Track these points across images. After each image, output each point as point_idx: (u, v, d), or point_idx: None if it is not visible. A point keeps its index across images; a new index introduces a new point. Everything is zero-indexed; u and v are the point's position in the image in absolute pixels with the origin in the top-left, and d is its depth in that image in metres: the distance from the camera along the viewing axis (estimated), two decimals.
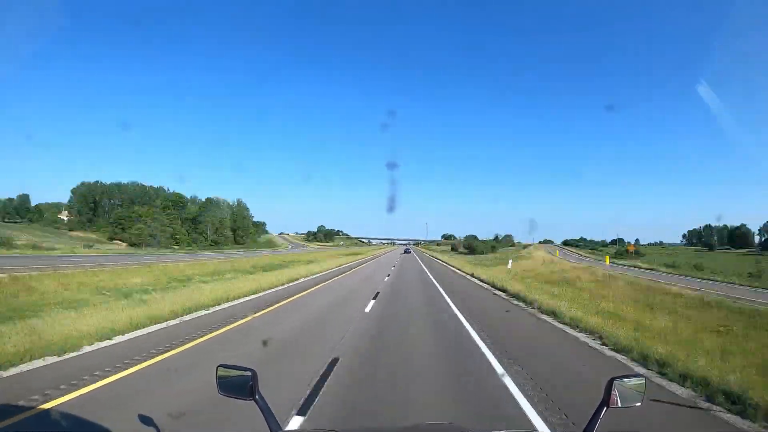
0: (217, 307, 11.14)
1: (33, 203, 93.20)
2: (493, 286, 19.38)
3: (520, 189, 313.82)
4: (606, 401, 1.49)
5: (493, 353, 7.06)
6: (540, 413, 4.44)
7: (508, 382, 5.51)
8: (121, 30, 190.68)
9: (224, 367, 1.66)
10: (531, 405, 4.68)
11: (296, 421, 4.14)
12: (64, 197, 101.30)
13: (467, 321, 10.28)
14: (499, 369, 6.12)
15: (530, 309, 12.59)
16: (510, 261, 35.12)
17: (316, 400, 4.64)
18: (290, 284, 18.19)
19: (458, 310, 12.25)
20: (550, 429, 4.00)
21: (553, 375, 5.99)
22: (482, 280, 22.78)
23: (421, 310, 12.30)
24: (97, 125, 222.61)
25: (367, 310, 11.70)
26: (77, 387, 4.86)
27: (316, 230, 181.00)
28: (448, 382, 5.61)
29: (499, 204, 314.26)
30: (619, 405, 1.49)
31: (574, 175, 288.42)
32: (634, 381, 1.58)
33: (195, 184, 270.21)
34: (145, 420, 3.87)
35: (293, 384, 5.15)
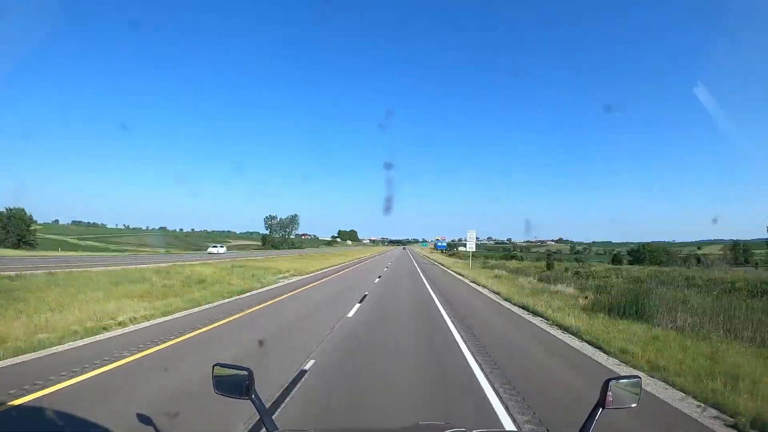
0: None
1: None
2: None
3: (519, 190, 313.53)
4: (601, 402, 1.49)
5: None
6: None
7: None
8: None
9: (220, 366, 1.68)
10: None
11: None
12: None
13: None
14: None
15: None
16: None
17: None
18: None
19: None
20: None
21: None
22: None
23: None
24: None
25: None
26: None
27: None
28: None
29: (497, 205, 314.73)
30: (615, 406, 1.50)
31: (571, 176, 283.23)
32: (629, 382, 1.59)
33: (194, 185, 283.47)
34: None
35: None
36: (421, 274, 28.90)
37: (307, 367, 5.95)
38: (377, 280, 22.39)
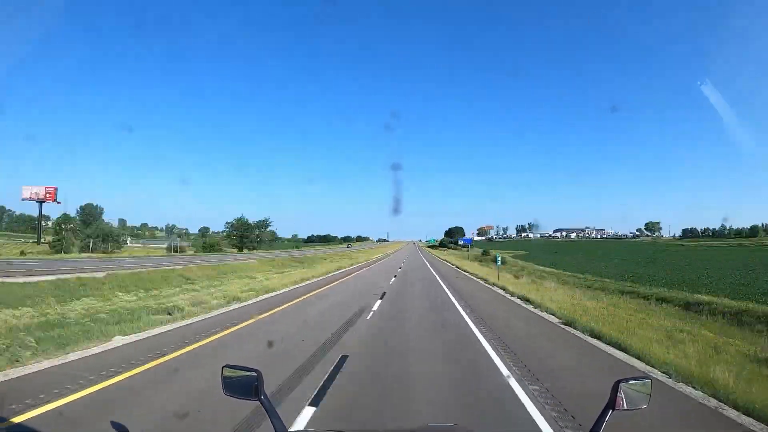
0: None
1: None
2: None
3: (518, 188, 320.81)
4: (611, 403, 1.52)
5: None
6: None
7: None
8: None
9: (229, 368, 1.74)
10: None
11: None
12: None
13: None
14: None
15: None
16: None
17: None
18: None
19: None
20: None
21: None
22: None
23: None
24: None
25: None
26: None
27: None
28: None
29: (495, 204, 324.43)
30: (625, 407, 1.54)
31: (575, 175, 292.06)
32: (639, 383, 1.62)
33: (194, 187, 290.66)
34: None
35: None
36: None
37: None
38: None
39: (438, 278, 29.88)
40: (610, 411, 1.53)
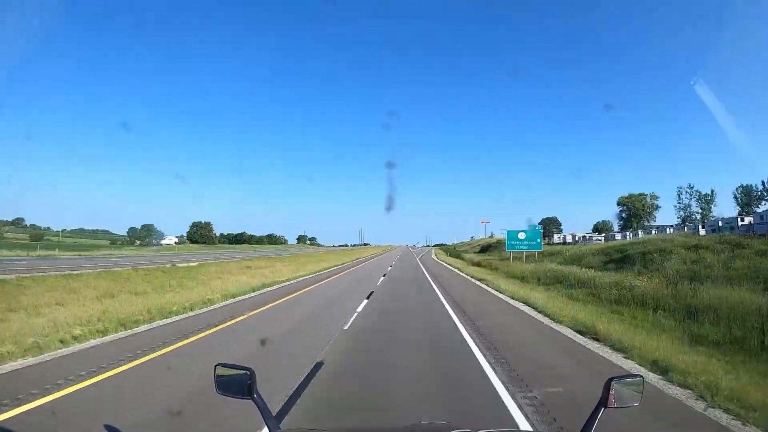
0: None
1: None
2: None
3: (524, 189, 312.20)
4: (604, 401, 1.50)
5: None
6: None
7: None
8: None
9: (222, 366, 1.70)
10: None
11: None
12: None
13: None
14: None
15: None
16: None
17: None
18: None
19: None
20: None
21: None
22: None
23: None
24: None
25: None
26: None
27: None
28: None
29: (498, 201, 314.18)
30: (617, 405, 1.51)
31: (574, 173, 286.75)
32: (632, 381, 1.61)
33: (194, 186, 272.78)
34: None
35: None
36: None
37: None
38: None
39: None
40: (603, 409, 1.51)
